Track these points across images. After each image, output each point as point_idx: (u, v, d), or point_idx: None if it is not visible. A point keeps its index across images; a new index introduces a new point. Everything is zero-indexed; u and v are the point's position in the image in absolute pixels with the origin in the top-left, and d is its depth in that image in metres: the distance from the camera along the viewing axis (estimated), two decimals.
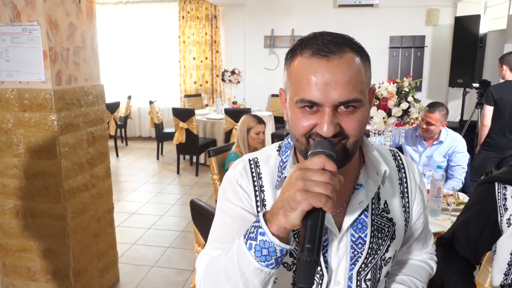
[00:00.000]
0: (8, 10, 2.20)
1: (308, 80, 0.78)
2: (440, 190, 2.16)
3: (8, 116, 2.32)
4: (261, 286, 0.75)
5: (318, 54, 0.78)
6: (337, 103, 0.77)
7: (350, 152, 0.82)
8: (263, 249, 0.72)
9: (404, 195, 0.97)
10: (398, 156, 1.01)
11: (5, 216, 2.46)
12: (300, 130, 0.81)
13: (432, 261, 1.11)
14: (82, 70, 2.52)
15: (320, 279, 0.90)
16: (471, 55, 5.68)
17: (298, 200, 0.68)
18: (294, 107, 0.81)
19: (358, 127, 0.80)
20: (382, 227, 0.92)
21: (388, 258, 0.95)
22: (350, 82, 0.77)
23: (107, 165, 2.83)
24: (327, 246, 0.89)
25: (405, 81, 2.43)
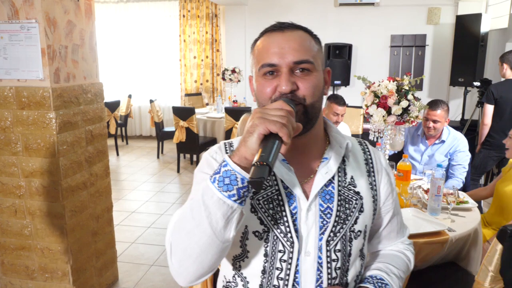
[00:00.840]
0: (6, 8, 2.19)
1: (267, 49, 0.92)
2: (440, 189, 2.15)
3: (6, 114, 2.31)
4: (224, 220, 0.79)
5: (275, 30, 0.94)
6: (292, 64, 0.90)
7: (310, 114, 0.92)
8: (225, 178, 0.78)
9: (370, 174, 1.04)
10: (363, 143, 1.11)
11: (3, 214, 2.46)
12: (265, 95, 0.92)
13: (409, 251, 1.14)
14: (81, 68, 2.51)
15: (291, 247, 0.92)
16: (472, 54, 5.66)
17: (255, 124, 0.77)
18: (259, 77, 0.94)
19: (313, 88, 0.91)
20: (350, 198, 0.98)
21: (358, 231, 0.98)
22: (302, 47, 0.91)
23: (106, 164, 2.82)
24: (296, 214, 0.93)
25: (405, 79, 2.41)
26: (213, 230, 0.79)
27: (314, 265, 0.93)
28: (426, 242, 1.90)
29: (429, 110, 2.90)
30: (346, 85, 6.75)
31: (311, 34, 0.97)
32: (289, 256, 0.92)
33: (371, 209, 1.01)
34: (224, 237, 0.81)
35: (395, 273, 1.05)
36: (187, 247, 0.83)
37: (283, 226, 0.92)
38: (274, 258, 0.93)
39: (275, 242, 0.92)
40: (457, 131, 3.06)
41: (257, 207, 0.93)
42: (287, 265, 0.93)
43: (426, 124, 2.95)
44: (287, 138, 0.76)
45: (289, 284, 0.93)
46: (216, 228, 0.79)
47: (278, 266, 0.93)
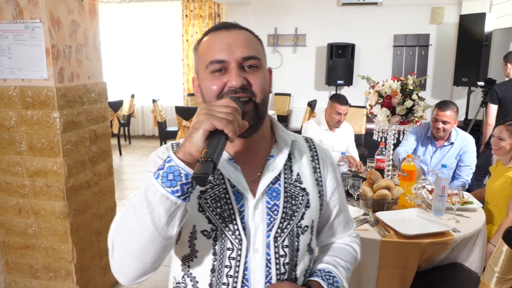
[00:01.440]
0: (11, 7, 2.19)
1: (214, 46, 0.91)
2: (445, 190, 2.14)
3: (11, 114, 2.32)
4: (167, 216, 0.77)
5: (220, 29, 0.94)
6: (241, 59, 0.89)
7: (261, 111, 0.92)
8: (169, 174, 0.77)
9: (316, 170, 1.05)
10: (310, 140, 1.11)
11: (8, 213, 2.46)
12: (212, 92, 0.91)
13: (355, 244, 1.17)
14: (85, 67, 2.51)
15: (239, 244, 0.93)
16: (476, 53, 5.64)
17: (201, 120, 0.76)
18: (206, 74, 0.92)
19: (262, 84, 0.92)
20: (296, 195, 0.99)
21: (305, 226, 1.00)
22: (249, 43, 0.92)
23: (110, 163, 2.82)
24: (244, 212, 0.94)
25: (409, 79, 2.40)
26: (156, 226, 0.78)
27: (262, 261, 0.94)
28: (430, 243, 1.89)
29: (438, 110, 2.85)
30: (349, 85, 6.74)
31: (255, 35, 0.98)
32: (238, 253, 0.93)
33: (317, 204, 1.03)
34: (167, 234, 0.79)
35: (343, 265, 1.08)
36: (128, 245, 0.82)
37: (231, 224, 0.93)
38: (223, 257, 0.93)
39: (223, 241, 0.93)
40: (465, 132, 3.03)
41: (204, 206, 0.93)
42: (236, 263, 0.93)
43: (435, 125, 2.90)
44: (232, 134, 0.76)
45: (238, 282, 0.93)
46: (158, 225, 0.78)
47: (227, 264, 0.93)
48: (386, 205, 2.20)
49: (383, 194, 2.18)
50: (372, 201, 2.15)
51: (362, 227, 2.01)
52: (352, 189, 2.28)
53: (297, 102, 7.30)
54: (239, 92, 0.88)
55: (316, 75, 7.22)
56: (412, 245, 1.88)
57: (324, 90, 7.19)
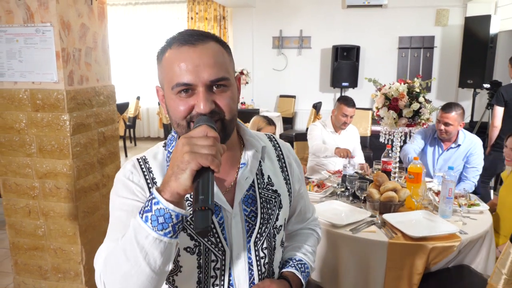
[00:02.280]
0: (22, 12, 2.23)
1: (179, 66, 0.86)
2: (451, 191, 2.14)
3: (21, 116, 2.35)
4: (162, 257, 0.76)
5: (185, 44, 0.87)
6: (209, 82, 0.86)
7: (228, 130, 0.91)
8: (159, 217, 0.74)
9: (283, 169, 1.09)
10: (273, 138, 1.13)
11: (17, 215, 2.49)
12: (179, 114, 0.87)
13: (318, 228, 1.26)
14: (94, 70, 2.54)
15: (222, 255, 0.96)
16: (482, 55, 5.63)
17: (186, 160, 0.73)
18: (171, 94, 0.88)
19: (231, 103, 0.89)
20: (270, 198, 1.02)
21: (279, 226, 1.05)
22: (216, 63, 0.87)
23: (118, 165, 2.85)
24: (223, 224, 0.95)
25: (415, 82, 2.41)
26: (152, 268, 0.77)
27: (245, 266, 0.98)
28: (437, 245, 1.90)
29: (442, 112, 2.86)
30: (354, 87, 6.75)
31: (222, 44, 0.92)
32: (222, 263, 0.96)
33: (288, 202, 1.07)
34: (164, 271, 0.79)
35: (310, 250, 1.16)
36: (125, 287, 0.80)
37: (213, 238, 0.94)
38: (208, 268, 0.96)
39: (207, 254, 0.94)
40: (472, 134, 3.02)
41: (185, 224, 0.93)
42: (221, 272, 0.96)
43: (438, 126, 2.92)
44: (218, 169, 0.74)
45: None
46: (155, 267, 0.77)
47: (213, 275, 0.96)
48: (393, 207, 2.21)
49: (390, 196, 2.19)
50: (379, 203, 2.16)
51: (369, 229, 2.02)
52: (359, 191, 2.29)
53: (302, 104, 7.31)
54: (207, 115, 0.85)
55: (321, 77, 7.23)
56: (419, 247, 1.89)
57: (329, 92, 7.20)
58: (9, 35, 2.27)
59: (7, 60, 2.31)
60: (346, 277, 2.00)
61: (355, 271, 1.99)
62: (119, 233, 0.85)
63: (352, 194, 2.40)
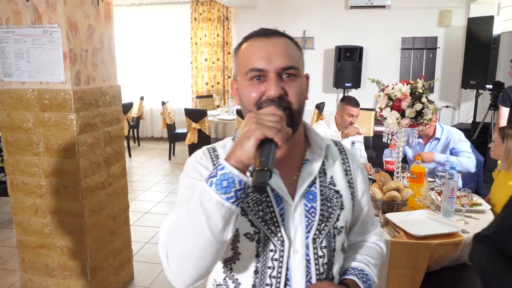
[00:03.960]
0: (30, 13, 2.26)
1: (253, 54, 0.94)
2: (454, 191, 2.16)
3: (29, 116, 2.38)
4: (223, 222, 0.80)
5: (261, 36, 0.96)
6: (280, 69, 0.92)
7: (295, 120, 0.95)
8: (223, 181, 0.79)
9: (347, 173, 1.10)
10: (339, 143, 1.16)
11: (25, 213, 2.53)
12: (251, 99, 0.94)
13: (381, 242, 1.23)
14: (100, 71, 2.57)
15: (281, 246, 0.97)
16: (484, 56, 5.64)
17: (252, 129, 0.79)
18: (245, 81, 0.95)
19: (299, 93, 0.94)
20: (331, 197, 1.03)
21: (340, 227, 1.04)
22: (288, 53, 0.94)
23: (123, 164, 2.88)
24: (284, 215, 0.98)
25: (418, 82, 2.44)
26: (212, 232, 0.80)
27: (302, 262, 0.98)
28: (439, 244, 1.92)
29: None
30: (357, 88, 6.76)
31: (293, 41, 1.00)
32: (280, 254, 0.97)
33: (350, 205, 1.07)
34: (223, 239, 0.82)
35: (373, 263, 1.14)
36: (185, 251, 0.84)
37: (273, 227, 0.96)
38: (265, 258, 0.97)
39: (266, 242, 0.96)
40: (449, 126, 3.17)
41: (247, 209, 0.97)
42: (278, 264, 0.97)
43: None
44: (281, 142, 0.79)
45: (281, 282, 0.97)
46: (215, 230, 0.80)
47: (270, 265, 0.97)
48: (395, 207, 2.23)
49: (393, 196, 2.21)
50: (382, 203, 2.18)
51: None
52: None
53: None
54: (276, 101, 0.90)
55: (324, 77, 7.25)
56: (422, 245, 1.91)
57: (332, 92, 7.21)
58: (17, 36, 2.31)
59: (15, 61, 2.34)
60: None
61: None
62: None
63: None
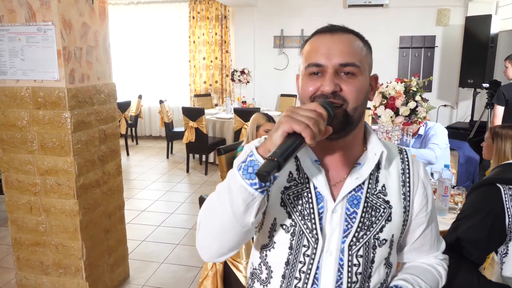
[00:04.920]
0: (24, 11, 2.26)
1: (316, 50, 0.94)
2: (447, 190, 2.17)
3: (23, 114, 2.38)
4: (244, 205, 0.83)
5: (326, 32, 0.95)
6: (337, 66, 0.91)
7: (351, 118, 0.92)
8: (249, 167, 0.82)
9: (405, 184, 1.02)
10: (404, 152, 1.07)
11: (19, 211, 2.53)
12: (307, 92, 0.94)
13: (441, 267, 1.10)
14: (95, 69, 2.57)
15: (315, 243, 0.96)
16: (482, 55, 5.65)
17: (282, 121, 0.80)
18: (304, 75, 0.96)
19: (356, 92, 0.92)
20: (377, 206, 0.98)
21: (383, 239, 0.98)
22: (350, 50, 0.92)
23: (118, 163, 2.88)
24: (323, 214, 0.96)
25: (413, 81, 2.44)
26: (234, 213, 0.84)
27: (335, 265, 0.95)
28: None
29: None
30: None
31: (361, 38, 0.97)
32: (313, 252, 0.96)
33: (400, 219, 1.00)
34: (244, 222, 0.85)
35: (422, 286, 1.02)
36: (210, 225, 0.91)
37: (310, 223, 0.96)
38: (298, 252, 0.97)
39: (300, 237, 0.96)
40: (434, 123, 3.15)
41: (287, 201, 0.97)
42: (310, 260, 0.96)
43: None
44: (309, 139, 0.77)
45: (310, 278, 0.96)
46: (236, 212, 0.84)
47: (301, 260, 0.97)
48: None
49: None
50: None
51: None
52: None
53: None
54: (330, 98, 0.90)
55: None
56: None
57: None
58: (12, 33, 2.31)
59: (10, 59, 2.34)
60: None
61: None
62: None
63: None
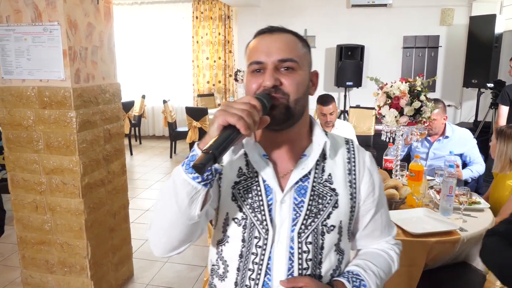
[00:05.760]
0: (30, 11, 2.27)
1: (256, 49, 0.99)
2: (452, 189, 2.16)
3: (29, 113, 2.40)
4: (188, 199, 0.87)
5: (265, 32, 1.01)
6: (277, 62, 0.96)
7: (293, 110, 0.97)
8: (191, 162, 0.86)
9: (351, 173, 1.07)
10: (350, 142, 1.13)
11: (25, 210, 2.54)
12: (251, 89, 0.98)
13: (393, 251, 1.15)
14: (100, 68, 2.58)
15: (265, 234, 1.00)
16: (486, 55, 5.62)
17: (217, 115, 0.84)
18: (248, 74, 1.01)
19: (296, 85, 0.97)
20: (324, 194, 1.03)
21: (331, 225, 1.02)
22: (288, 47, 0.98)
23: (123, 162, 2.89)
24: (272, 205, 1.01)
25: (417, 80, 2.44)
26: (179, 207, 0.88)
27: (286, 254, 1.00)
28: (437, 242, 1.92)
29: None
30: (358, 86, 6.76)
31: (299, 37, 1.03)
32: (264, 242, 1.00)
33: (347, 206, 1.04)
34: (190, 215, 0.89)
35: (374, 270, 1.07)
36: (159, 221, 0.95)
37: (260, 215, 1.00)
38: (250, 244, 1.01)
39: (252, 229, 1.01)
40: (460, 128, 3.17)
41: (237, 196, 1.02)
42: (261, 251, 1.00)
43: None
44: (244, 130, 0.82)
45: (262, 269, 1.01)
46: (181, 206, 0.88)
47: (254, 251, 1.01)
48: (394, 205, 2.24)
49: (391, 194, 2.22)
50: None
51: None
52: None
53: None
54: (271, 92, 0.95)
55: (326, 76, 7.24)
56: (420, 243, 1.92)
57: (333, 91, 7.19)
58: (18, 33, 2.32)
59: (16, 58, 2.36)
60: None
61: None
62: None
63: None
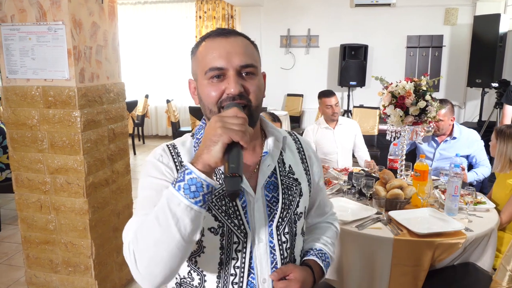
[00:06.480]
0: (35, 10, 2.27)
1: (213, 53, 0.95)
2: (458, 189, 2.15)
3: (33, 113, 2.40)
4: (192, 224, 0.82)
5: (219, 36, 0.97)
6: (239, 67, 0.94)
7: (254, 117, 0.99)
8: (191, 186, 0.81)
9: (303, 161, 1.16)
10: (293, 133, 1.21)
11: (29, 209, 2.55)
12: (211, 98, 0.96)
13: (336, 222, 1.32)
14: (104, 68, 2.58)
15: (244, 237, 1.00)
16: (491, 54, 5.60)
17: (219, 134, 0.80)
18: (204, 80, 0.97)
19: (257, 90, 0.97)
20: (291, 186, 1.08)
21: (300, 212, 1.10)
22: (246, 52, 0.97)
23: (127, 161, 2.89)
24: (246, 207, 1.01)
25: (422, 80, 2.42)
26: (182, 235, 0.82)
27: (266, 250, 1.02)
28: (443, 242, 1.91)
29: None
30: (362, 86, 6.74)
31: (251, 41, 1.03)
32: (243, 246, 1.00)
33: (307, 191, 1.13)
34: (192, 240, 0.84)
35: (329, 242, 1.22)
36: (154, 255, 0.84)
37: (236, 220, 0.99)
38: (230, 250, 1.00)
39: (230, 235, 0.99)
40: (467, 129, 3.15)
41: (210, 205, 0.98)
42: (242, 254, 1.00)
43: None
44: (247, 145, 0.82)
45: (245, 271, 1.00)
46: (184, 234, 0.82)
47: (234, 256, 1.00)
48: (399, 205, 2.23)
49: (396, 194, 2.21)
50: (385, 200, 2.18)
51: (375, 226, 2.04)
52: (365, 188, 2.30)
53: (309, 103, 7.31)
54: (236, 99, 0.93)
55: (329, 76, 7.23)
56: (425, 243, 1.91)
57: (337, 91, 7.12)
58: (22, 33, 2.32)
59: (20, 58, 2.36)
60: (352, 272, 2.03)
61: (361, 267, 2.01)
62: (148, 210, 0.90)
63: (359, 192, 2.41)
